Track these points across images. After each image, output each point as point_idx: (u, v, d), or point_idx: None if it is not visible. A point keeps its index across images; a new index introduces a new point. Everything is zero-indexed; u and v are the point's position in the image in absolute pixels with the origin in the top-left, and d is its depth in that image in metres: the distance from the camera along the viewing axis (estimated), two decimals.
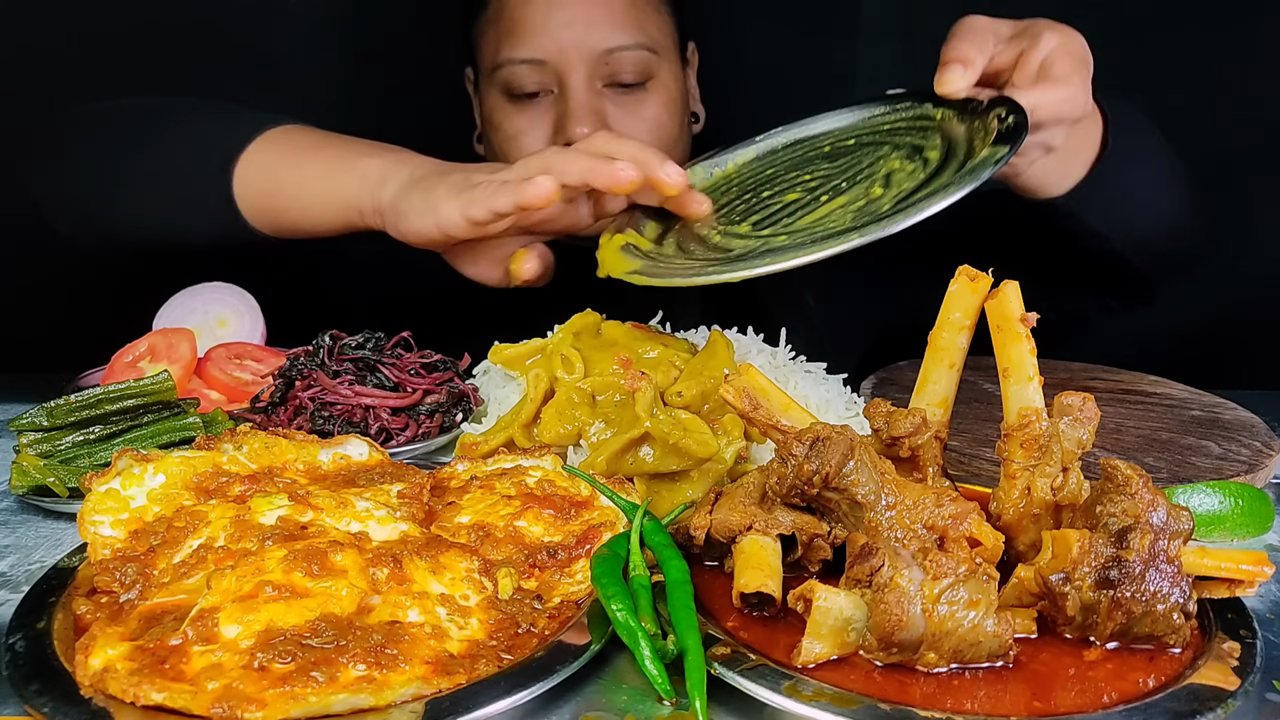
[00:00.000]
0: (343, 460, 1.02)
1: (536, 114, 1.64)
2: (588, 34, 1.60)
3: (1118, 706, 0.72)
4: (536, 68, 1.61)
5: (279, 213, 1.39)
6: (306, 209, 1.37)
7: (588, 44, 1.60)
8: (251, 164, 1.39)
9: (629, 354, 1.21)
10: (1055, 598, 0.78)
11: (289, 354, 1.30)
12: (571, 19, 1.60)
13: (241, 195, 1.38)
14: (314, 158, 1.37)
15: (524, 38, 1.61)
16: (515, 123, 1.65)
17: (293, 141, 1.41)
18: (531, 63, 1.60)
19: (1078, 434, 0.86)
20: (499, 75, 1.64)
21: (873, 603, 0.75)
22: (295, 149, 1.39)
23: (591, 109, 1.60)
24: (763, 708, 0.74)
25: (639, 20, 1.65)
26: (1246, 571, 0.80)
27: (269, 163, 1.39)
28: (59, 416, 1.10)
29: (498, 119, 1.68)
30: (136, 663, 0.70)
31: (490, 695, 0.71)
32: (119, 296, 1.50)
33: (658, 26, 1.69)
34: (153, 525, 0.87)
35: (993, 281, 0.89)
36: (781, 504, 0.89)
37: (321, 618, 0.74)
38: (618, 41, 1.61)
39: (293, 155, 1.39)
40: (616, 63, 1.62)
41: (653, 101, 1.67)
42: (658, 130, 1.68)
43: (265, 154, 1.39)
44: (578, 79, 1.60)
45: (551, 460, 1.04)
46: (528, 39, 1.61)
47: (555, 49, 1.60)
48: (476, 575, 0.83)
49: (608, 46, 1.61)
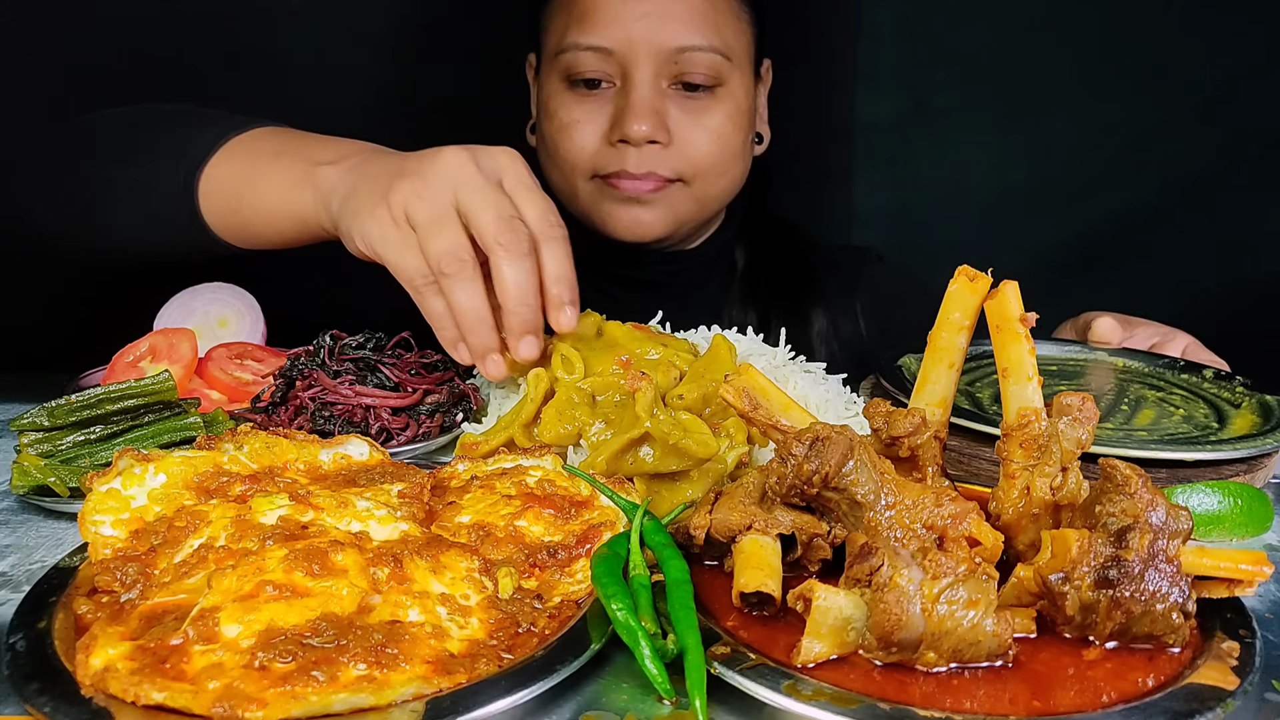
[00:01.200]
0: (343, 460, 1.02)
1: (595, 105, 1.60)
2: (661, 28, 1.57)
3: (1117, 706, 0.72)
4: (602, 56, 1.57)
5: (242, 227, 1.37)
6: (268, 224, 1.34)
7: (659, 39, 1.57)
8: (214, 178, 1.36)
9: (629, 354, 1.21)
10: (1054, 597, 0.78)
11: (289, 354, 1.30)
12: (646, 11, 1.56)
13: (206, 210, 1.36)
14: (270, 170, 1.33)
15: (594, 24, 1.58)
16: (572, 111, 1.62)
17: (252, 151, 1.37)
18: (598, 50, 1.57)
19: (1077, 434, 0.86)
20: (561, 60, 1.60)
21: (872, 602, 0.75)
22: (254, 160, 1.36)
23: (652, 107, 1.57)
24: (762, 707, 0.74)
25: (716, 23, 1.61)
26: (1246, 571, 0.80)
27: (228, 177, 1.36)
28: (60, 416, 1.11)
29: (554, 106, 1.64)
30: (137, 662, 0.70)
31: (490, 695, 0.71)
32: (119, 296, 1.50)
33: (735, 34, 1.65)
34: (153, 525, 0.87)
35: (992, 281, 0.89)
36: (781, 504, 0.89)
37: (322, 617, 0.74)
38: (690, 41, 1.58)
39: (250, 168, 1.35)
40: (686, 62, 1.58)
41: (719, 110, 1.64)
42: (720, 141, 1.65)
43: (226, 167, 1.36)
44: (644, 74, 1.57)
45: (552, 460, 1.04)
46: (598, 25, 1.58)
47: (625, 39, 1.56)
48: (477, 575, 0.83)
49: (679, 45, 1.57)
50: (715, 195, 1.72)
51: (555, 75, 1.63)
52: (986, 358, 1.44)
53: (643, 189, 1.63)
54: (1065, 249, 2.19)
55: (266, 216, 1.33)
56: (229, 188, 1.35)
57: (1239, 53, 2.00)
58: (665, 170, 1.63)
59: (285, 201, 1.30)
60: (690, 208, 1.70)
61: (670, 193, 1.66)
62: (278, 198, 1.31)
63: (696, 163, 1.65)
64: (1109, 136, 2.12)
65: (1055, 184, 2.16)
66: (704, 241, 1.83)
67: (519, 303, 1.15)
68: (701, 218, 1.75)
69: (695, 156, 1.64)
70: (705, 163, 1.65)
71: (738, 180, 1.75)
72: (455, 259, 1.13)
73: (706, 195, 1.70)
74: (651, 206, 1.66)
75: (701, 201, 1.70)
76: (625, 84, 1.58)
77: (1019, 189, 2.17)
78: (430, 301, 1.17)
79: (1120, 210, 2.14)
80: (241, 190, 1.34)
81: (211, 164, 1.36)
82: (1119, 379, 1.46)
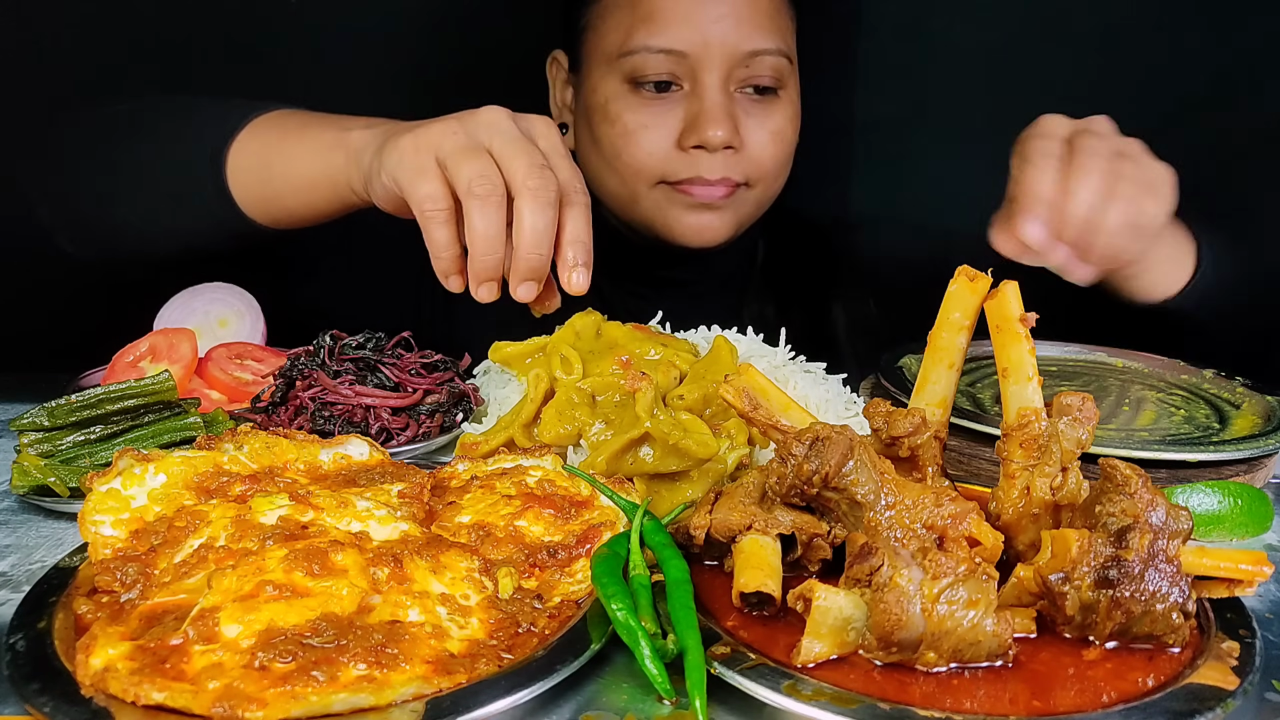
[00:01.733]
0: (343, 460, 1.03)
1: (664, 108, 1.58)
2: (735, 31, 1.55)
3: (1117, 706, 0.72)
4: (674, 59, 1.55)
5: (272, 200, 1.36)
6: (298, 191, 1.34)
7: (733, 42, 1.55)
8: (242, 153, 1.36)
9: (629, 354, 1.21)
10: (1054, 597, 0.78)
11: (289, 354, 1.30)
12: (722, 14, 1.55)
13: (235, 185, 1.36)
14: (301, 139, 1.33)
15: (666, 26, 1.55)
16: (640, 116, 1.59)
17: (280, 126, 1.37)
18: (670, 53, 1.54)
19: (1077, 434, 0.86)
20: (627, 62, 1.57)
21: (872, 602, 0.75)
22: (283, 133, 1.36)
23: (727, 111, 1.56)
24: (762, 707, 0.74)
25: (780, 26, 1.61)
26: (1246, 571, 0.80)
27: (258, 149, 1.36)
28: (60, 416, 1.11)
29: (616, 109, 1.60)
30: (137, 662, 0.70)
31: (490, 695, 0.71)
32: (119, 296, 1.50)
33: (792, 35, 1.66)
34: (153, 525, 0.87)
35: (992, 281, 0.89)
36: (781, 504, 0.89)
37: (322, 617, 0.74)
38: (762, 44, 1.57)
39: (280, 140, 1.35)
40: (757, 66, 1.58)
41: (780, 113, 1.64)
42: (782, 144, 1.65)
43: (254, 141, 1.36)
44: (716, 77, 1.56)
45: (552, 460, 1.04)
46: (670, 28, 1.55)
47: (700, 42, 1.55)
48: (477, 575, 0.83)
49: (752, 48, 1.57)
50: (770, 197, 1.72)
51: (616, 77, 1.60)
52: (987, 358, 1.44)
53: (716, 195, 1.62)
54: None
55: (296, 182, 1.33)
56: (259, 160, 1.35)
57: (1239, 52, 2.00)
58: (737, 175, 1.62)
59: (317, 165, 1.30)
60: (751, 211, 1.70)
61: (738, 197, 1.66)
62: (309, 163, 1.31)
63: (763, 166, 1.64)
64: None
65: None
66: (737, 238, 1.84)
67: (532, 249, 1.12)
68: (755, 219, 1.75)
69: (762, 159, 1.64)
70: (769, 166, 1.65)
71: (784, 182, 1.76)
72: (488, 181, 1.10)
73: (766, 198, 1.71)
74: (720, 212, 1.66)
75: (761, 204, 1.71)
76: (696, 87, 1.56)
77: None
78: (436, 230, 1.14)
79: None
80: (272, 160, 1.34)
81: (239, 141, 1.36)
82: (1120, 380, 1.46)
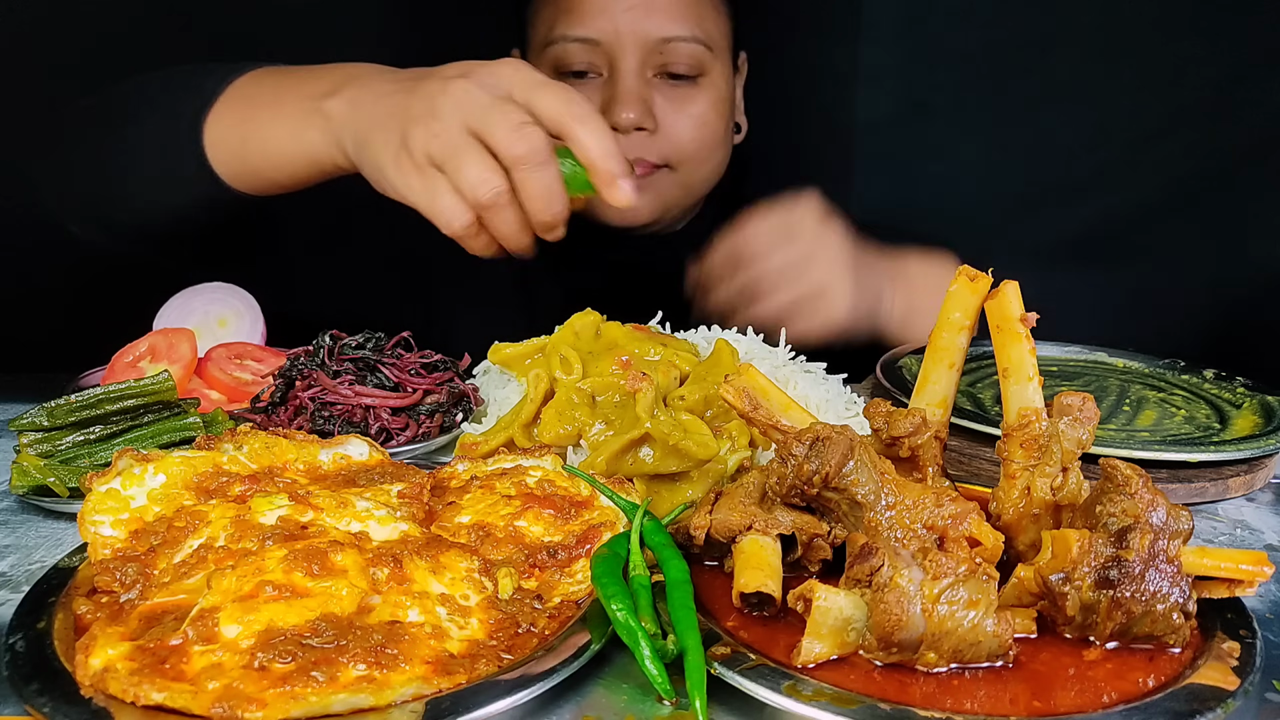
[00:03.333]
0: (343, 460, 1.02)
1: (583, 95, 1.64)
2: (646, 20, 1.61)
3: (1117, 706, 0.72)
4: (589, 47, 1.61)
5: (252, 173, 1.37)
6: (278, 166, 1.34)
7: (644, 30, 1.61)
8: (218, 126, 1.36)
9: (629, 355, 1.21)
10: (1055, 598, 0.78)
11: (289, 354, 1.30)
12: (633, 4, 1.61)
13: (214, 158, 1.36)
14: (272, 115, 1.33)
15: (581, 16, 1.62)
16: None
17: (249, 97, 1.37)
18: (585, 42, 1.61)
19: (1077, 434, 0.86)
20: (550, 52, 1.64)
21: (873, 603, 0.75)
22: (252, 107, 1.36)
23: (639, 96, 1.61)
24: (763, 707, 0.73)
25: (698, 14, 1.66)
26: (1246, 571, 0.80)
27: (230, 125, 1.36)
28: (59, 416, 1.10)
29: None
30: (137, 662, 0.70)
31: (490, 695, 0.71)
32: (119, 296, 1.50)
33: (715, 25, 1.70)
34: (153, 525, 0.87)
35: (992, 281, 0.89)
36: (781, 504, 0.89)
37: (322, 618, 0.74)
38: (674, 32, 1.62)
39: (253, 112, 1.35)
40: (671, 53, 1.63)
41: (702, 98, 1.68)
42: (704, 128, 1.69)
43: (228, 114, 1.36)
44: (630, 64, 1.61)
45: (551, 460, 1.04)
46: (585, 18, 1.61)
47: (612, 30, 1.60)
48: (477, 575, 0.83)
49: (664, 35, 1.62)
50: (700, 180, 1.78)
51: (544, 67, 1.65)
52: (987, 358, 1.44)
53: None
54: (1065, 248, 2.19)
55: (275, 159, 1.34)
56: (233, 136, 1.36)
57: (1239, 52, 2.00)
58: (652, 156, 1.68)
59: (293, 144, 1.31)
60: (676, 193, 1.75)
61: (657, 178, 1.71)
62: (284, 141, 1.31)
63: (682, 148, 1.70)
64: (1109, 136, 2.12)
65: (1055, 184, 2.16)
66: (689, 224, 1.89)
67: (544, 210, 1.17)
68: (686, 203, 1.81)
69: (680, 142, 1.69)
70: (690, 148, 1.71)
71: (720, 166, 1.81)
72: (489, 188, 1.14)
73: (692, 180, 1.76)
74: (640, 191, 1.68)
75: (687, 186, 1.76)
76: (612, 74, 1.62)
77: (1019, 189, 2.17)
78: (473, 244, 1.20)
79: (1120, 210, 2.14)
80: (246, 136, 1.35)
81: (213, 113, 1.36)
82: (1120, 380, 1.46)
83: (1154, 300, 2.11)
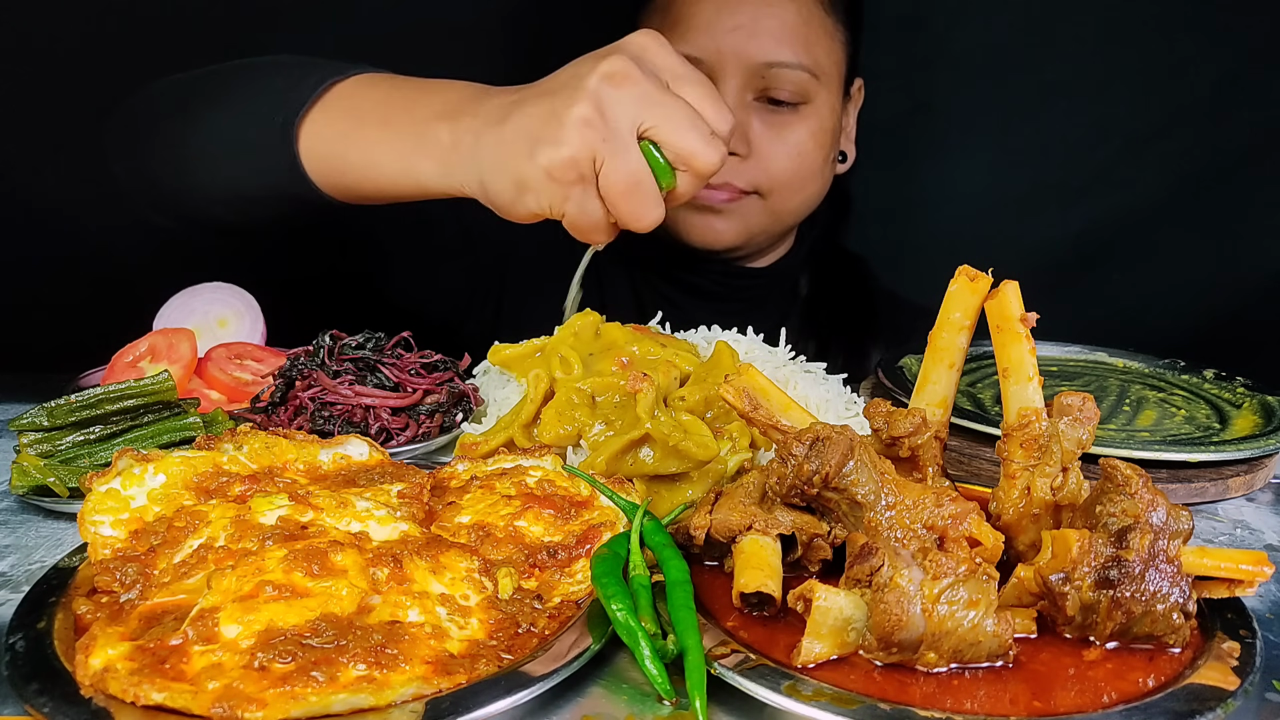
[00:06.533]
0: (343, 460, 1.02)
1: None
2: (750, 42, 1.58)
3: (1117, 706, 0.72)
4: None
5: (349, 187, 1.32)
6: (382, 190, 1.29)
7: (748, 52, 1.58)
8: (315, 134, 1.29)
9: (629, 355, 1.21)
10: (1055, 598, 0.78)
11: (289, 354, 1.30)
12: (738, 24, 1.58)
13: (309, 164, 1.30)
14: (381, 133, 1.26)
15: (686, 32, 1.60)
16: None
17: (354, 111, 1.30)
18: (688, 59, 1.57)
19: (1077, 434, 0.86)
20: None
21: (873, 602, 0.75)
22: (359, 121, 1.29)
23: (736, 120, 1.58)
24: (763, 708, 0.74)
25: (808, 40, 1.62)
26: (1246, 571, 0.80)
27: (332, 137, 1.29)
28: (59, 416, 1.10)
29: None
30: (137, 662, 0.70)
31: (490, 695, 0.71)
32: (119, 296, 1.50)
33: (826, 52, 1.66)
34: (153, 525, 0.87)
35: (992, 281, 0.89)
36: (781, 504, 0.89)
37: (322, 618, 0.74)
38: (779, 57, 1.59)
39: (357, 129, 1.28)
40: (774, 79, 1.60)
41: (802, 127, 1.65)
42: (800, 158, 1.66)
43: (328, 126, 1.29)
44: (730, 86, 1.59)
45: (551, 460, 1.04)
46: (690, 34, 1.59)
47: (714, 49, 1.58)
48: (477, 575, 0.83)
49: (768, 60, 1.59)
50: (791, 210, 1.75)
51: None
52: (987, 358, 1.44)
53: (717, 199, 1.66)
54: (1066, 248, 2.19)
55: (380, 183, 1.29)
56: (334, 148, 1.30)
57: (1239, 51, 2.00)
58: (741, 182, 1.66)
59: (403, 172, 1.25)
60: (764, 220, 1.73)
61: (745, 204, 1.69)
62: (393, 167, 1.26)
63: (774, 176, 1.67)
64: (1109, 136, 2.12)
65: (1055, 184, 2.17)
66: (773, 262, 1.86)
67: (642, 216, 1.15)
68: (775, 231, 1.78)
69: (773, 170, 1.67)
70: (782, 177, 1.68)
71: (815, 197, 1.78)
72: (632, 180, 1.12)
73: (782, 209, 1.73)
74: (726, 216, 1.69)
75: (776, 215, 1.73)
76: None
77: (1019, 189, 2.17)
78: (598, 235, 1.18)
79: (1121, 209, 2.14)
80: (347, 153, 1.29)
81: (312, 116, 1.30)
82: (1120, 380, 1.46)
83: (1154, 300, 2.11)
